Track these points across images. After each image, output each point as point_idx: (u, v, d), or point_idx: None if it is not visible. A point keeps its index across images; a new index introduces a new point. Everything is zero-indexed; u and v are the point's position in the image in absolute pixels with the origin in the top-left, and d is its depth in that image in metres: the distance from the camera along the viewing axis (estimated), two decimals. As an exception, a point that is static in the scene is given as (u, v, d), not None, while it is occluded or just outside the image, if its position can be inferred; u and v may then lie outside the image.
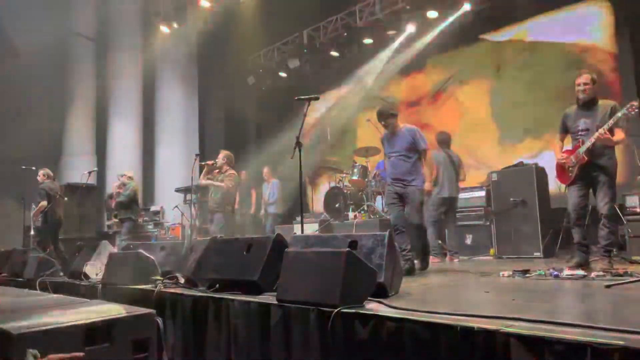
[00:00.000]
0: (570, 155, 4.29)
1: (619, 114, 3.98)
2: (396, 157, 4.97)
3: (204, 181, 7.11)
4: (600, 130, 4.01)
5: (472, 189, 7.59)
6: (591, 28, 8.28)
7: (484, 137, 9.41)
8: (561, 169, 4.40)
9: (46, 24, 11.66)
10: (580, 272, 3.79)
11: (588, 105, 4.27)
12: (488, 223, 7.01)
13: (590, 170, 4.18)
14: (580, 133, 4.26)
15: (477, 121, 9.58)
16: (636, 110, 3.95)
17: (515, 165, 6.89)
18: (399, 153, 4.95)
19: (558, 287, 3.40)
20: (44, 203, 8.03)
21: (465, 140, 9.02)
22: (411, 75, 10.96)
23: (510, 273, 4.02)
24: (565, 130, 4.48)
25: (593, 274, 3.70)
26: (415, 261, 4.87)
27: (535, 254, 6.18)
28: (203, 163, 7.31)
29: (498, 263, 5.89)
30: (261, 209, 9.70)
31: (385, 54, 10.82)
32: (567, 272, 3.84)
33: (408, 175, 4.90)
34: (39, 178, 8.34)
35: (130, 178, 8.56)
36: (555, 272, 3.83)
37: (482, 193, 7.34)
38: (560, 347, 1.57)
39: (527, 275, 3.93)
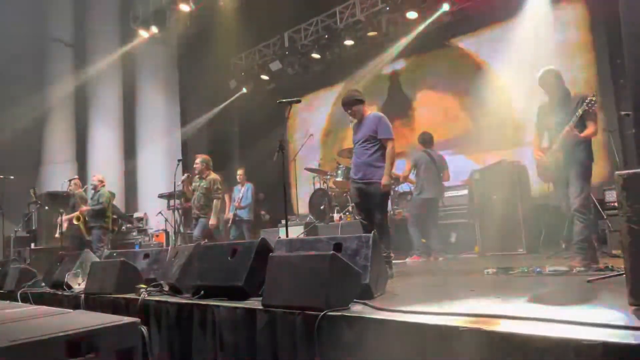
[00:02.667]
0: (547, 152, 4.30)
1: (579, 112, 4.01)
2: (359, 145, 4.70)
3: (213, 221, 6.90)
4: (567, 127, 4.03)
5: (455, 187, 7.67)
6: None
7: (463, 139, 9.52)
8: (541, 167, 4.40)
9: (23, 29, 11.49)
10: (562, 267, 3.83)
11: (559, 99, 4.27)
12: (472, 221, 7.08)
13: (565, 165, 4.17)
14: (555, 129, 4.24)
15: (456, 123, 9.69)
16: (594, 104, 3.98)
17: (496, 164, 6.97)
18: (362, 141, 4.67)
19: (541, 283, 3.44)
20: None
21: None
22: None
23: (495, 270, 4.06)
24: (541, 125, 4.46)
25: (575, 270, 3.75)
26: None
27: (519, 250, 6.26)
28: (183, 178, 7.15)
29: (483, 260, 5.95)
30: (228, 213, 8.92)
31: (367, 55, 10.87)
32: (549, 268, 3.89)
33: (368, 166, 4.60)
34: (71, 187, 8.45)
35: (102, 183, 8.08)
36: (538, 269, 3.88)
37: (465, 191, 7.43)
38: (544, 344, 1.59)
39: (511, 272, 3.97)
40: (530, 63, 7.34)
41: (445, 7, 9.19)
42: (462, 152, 9.38)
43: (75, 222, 7.88)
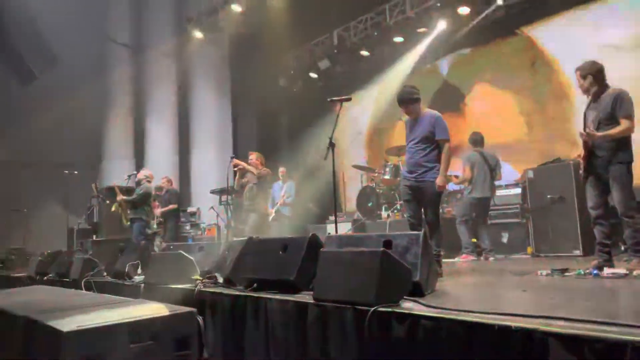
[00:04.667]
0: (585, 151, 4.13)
1: (608, 109, 3.86)
2: (414, 144, 4.57)
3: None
4: (587, 130, 3.88)
5: (508, 186, 7.48)
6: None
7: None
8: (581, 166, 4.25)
9: (83, 31, 12.09)
10: (622, 270, 3.69)
11: (595, 97, 4.08)
12: (524, 221, 6.89)
13: (600, 166, 3.98)
14: (588, 126, 4.06)
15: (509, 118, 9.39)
16: (624, 98, 3.83)
17: (552, 162, 6.74)
18: (417, 141, 4.54)
19: (598, 286, 3.33)
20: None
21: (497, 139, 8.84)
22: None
23: (549, 272, 3.95)
24: (585, 125, 4.28)
25: (635, 273, 3.60)
26: None
27: (574, 251, 6.04)
28: (235, 169, 7.42)
29: (535, 261, 5.78)
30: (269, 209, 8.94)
31: (417, 51, 10.72)
32: (607, 271, 3.75)
33: (422, 166, 4.48)
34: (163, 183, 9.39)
35: (147, 178, 8.42)
36: (595, 271, 3.75)
37: (518, 190, 7.23)
38: (600, 346, 1.56)
39: (566, 274, 3.86)
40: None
41: (499, 1, 8.94)
42: (509, 161, 8.99)
43: (112, 209, 8.38)
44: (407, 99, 4.55)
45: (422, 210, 4.60)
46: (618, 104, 3.87)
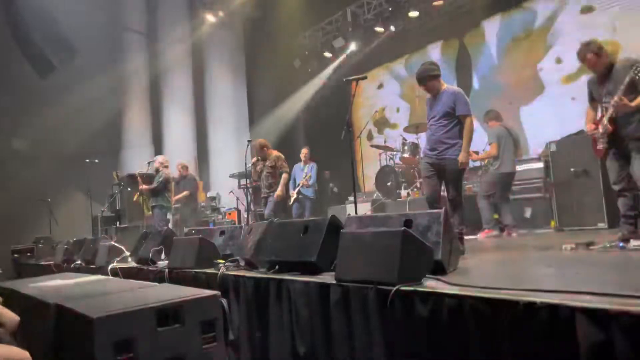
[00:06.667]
0: (598, 126, 4.06)
1: (627, 79, 3.73)
2: (434, 121, 4.48)
3: (279, 192, 7.21)
4: (615, 98, 3.76)
5: (530, 160, 7.36)
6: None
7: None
8: (594, 142, 4.16)
9: (99, 21, 12.13)
10: (649, 242, 3.62)
11: (603, 70, 4.01)
12: (547, 195, 6.79)
13: (620, 140, 3.93)
14: (604, 101, 4.01)
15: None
16: None
17: (575, 134, 6.60)
18: (437, 118, 4.46)
19: (624, 259, 3.27)
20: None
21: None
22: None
23: (573, 246, 3.90)
24: (592, 99, 4.23)
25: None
26: None
27: (599, 224, 5.94)
28: (253, 161, 7.56)
29: (559, 236, 5.71)
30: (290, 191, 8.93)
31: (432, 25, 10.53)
32: (634, 242, 3.69)
33: (443, 143, 4.40)
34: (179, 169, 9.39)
35: (163, 164, 8.50)
36: (622, 244, 3.68)
37: (540, 165, 7.11)
38: (628, 320, 1.53)
39: (591, 247, 3.80)
40: None
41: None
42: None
43: (134, 199, 8.48)
44: (425, 76, 4.47)
45: (445, 188, 4.55)
46: (636, 80, 3.76)
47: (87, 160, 9.47)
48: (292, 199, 8.39)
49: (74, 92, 11.53)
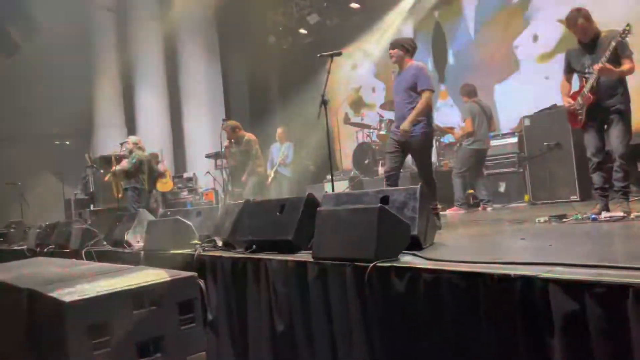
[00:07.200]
0: (577, 97, 4.06)
1: (613, 43, 3.74)
2: (399, 99, 4.58)
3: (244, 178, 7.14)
4: (599, 64, 3.76)
5: (504, 135, 7.44)
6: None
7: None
8: (571, 114, 4.16)
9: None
10: (619, 213, 3.70)
11: (590, 40, 4.00)
12: (521, 170, 6.90)
13: (601, 110, 3.94)
14: (586, 71, 3.99)
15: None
16: (628, 33, 3.71)
17: (549, 108, 6.68)
18: (402, 94, 4.53)
19: (596, 230, 3.35)
20: None
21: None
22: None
23: (547, 219, 3.97)
24: (570, 70, 4.22)
25: (633, 215, 3.62)
26: None
27: (571, 197, 6.08)
28: (226, 145, 7.42)
29: (533, 209, 5.82)
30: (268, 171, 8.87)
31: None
32: (605, 214, 3.77)
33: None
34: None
35: (137, 145, 8.33)
36: (594, 216, 3.76)
37: (515, 139, 7.20)
38: (601, 290, 1.56)
39: (564, 220, 3.88)
40: None
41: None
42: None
43: (105, 178, 8.28)
44: (394, 43, 4.58)
45: (416, 165, 4.61)
46: (620, 45, 3.78)
47: (57, 142, 9.23)
48: (270, 179, 8.36)
49: (42, 72, 11.18)
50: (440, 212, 5.82)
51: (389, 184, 4.47)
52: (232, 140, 7.31)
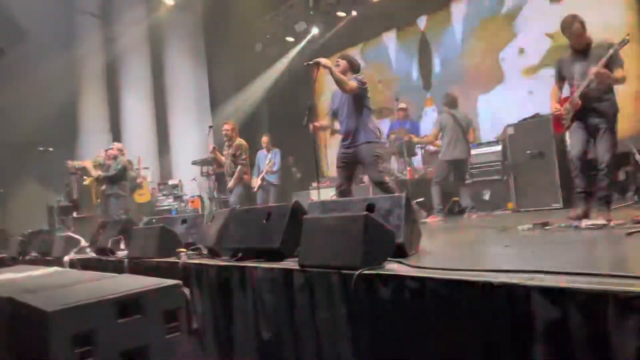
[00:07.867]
0: (565, 103, 4.14)
1: (611, 51, 3.82)
2: (342, 112, 4.71)
3: (231, 185, 7.03)
4: (595, 68, 3.81)
5: (489, 144, 7.53)
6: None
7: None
8: (556, 119, 4.25)
9: (52, 4, 11.59)
10: (601, 221, 3.76)
11: (583, 49, 4.07)
12: (505, 178, 6.99)
13: (588, 117, 4.00)
14: (576, 78, 4.07)
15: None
16: (626, 43, 3.80)
17: (532, 117, 6.78)
18: (344, 107, 4.67)
19: (579, 238, 3.39)
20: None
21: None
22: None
23: (530, 226, 4.02)
24: (561, 78, 4.29)
25: (612, 223, 3.68)
26: None
27: (554, 205, 6.16)
28: (210, 150, 7.26)
29: (517, 217, 5.88)
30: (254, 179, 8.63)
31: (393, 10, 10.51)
32: (586, 222, 3.82)
33: (356, 131, 4.59)
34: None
35: (122, 152, 8.27)
36: (575, 224, 3.82)
37: (498, 148, 7.29)
38: (582, 297, 1.58)
39: (547, 227, 3.93)
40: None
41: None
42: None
43: (85, 182, 8.16)
44: (345, 56, 4.78)
45: (367, 177, 4.68)
46: (613, 55, 3.85)
47: (41, 148, 9.11)
48: (257, 186, 8.32)
49: (26, 77, 11.03)
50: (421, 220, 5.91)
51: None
52: (227, 144, 7.16)
